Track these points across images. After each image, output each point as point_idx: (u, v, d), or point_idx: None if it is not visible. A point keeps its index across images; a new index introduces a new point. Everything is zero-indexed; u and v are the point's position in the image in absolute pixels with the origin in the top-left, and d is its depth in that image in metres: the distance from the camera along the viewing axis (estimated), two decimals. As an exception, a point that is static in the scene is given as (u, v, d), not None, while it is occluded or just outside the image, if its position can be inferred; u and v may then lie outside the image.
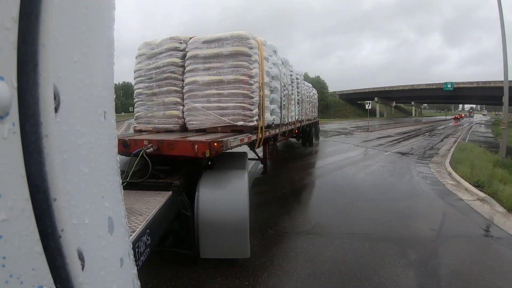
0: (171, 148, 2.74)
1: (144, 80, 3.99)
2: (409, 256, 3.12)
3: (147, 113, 4.00)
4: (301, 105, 8.27)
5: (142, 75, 4.02)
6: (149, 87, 3.94)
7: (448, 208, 4.69)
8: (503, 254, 3.18)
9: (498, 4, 8.26)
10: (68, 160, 0.38)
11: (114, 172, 0.51)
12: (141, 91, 4.04)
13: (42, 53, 0.33)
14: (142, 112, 4.07)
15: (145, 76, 3.97)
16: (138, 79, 4.07)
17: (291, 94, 6.50)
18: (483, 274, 2.75)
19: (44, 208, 0.33)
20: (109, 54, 0.50)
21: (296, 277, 2.70)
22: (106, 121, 0.49)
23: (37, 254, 0.33)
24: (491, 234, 3.70)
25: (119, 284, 0.48)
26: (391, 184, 6.21)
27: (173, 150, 2.74)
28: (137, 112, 4.13)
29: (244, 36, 3.51)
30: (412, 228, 3.86)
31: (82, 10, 0.41)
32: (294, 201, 5.02)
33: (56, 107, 0.36)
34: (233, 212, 2.55)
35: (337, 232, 3.67)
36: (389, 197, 5.24)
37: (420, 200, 5.18)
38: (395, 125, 31.75)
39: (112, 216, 0.48)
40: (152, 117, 3.96)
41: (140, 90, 4.06)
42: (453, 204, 4.91)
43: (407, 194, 5.47)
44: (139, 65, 4.05)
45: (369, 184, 6.20)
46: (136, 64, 4.09)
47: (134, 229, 1.65)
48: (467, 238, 3.62)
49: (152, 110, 3.96)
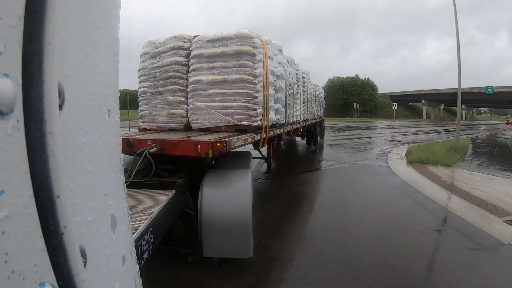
0: (174, 148, 2.75)
1: (149, 79, 4.00)
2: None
3: (152, 111, 4.01)
4: (307, 104, 8.25)
5: (146, 73, 4.02)
6: (153, 85, 3.94)
7: (379, 161, 8.88)
8: (389, 178, 6.57)
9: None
10: (72, 157, 0.38)
11: (118, 170, 0.51)
12: (146, 89, 4.04)
13: (47, 51, 0.33)
14: (146, 111, 4.07)
15: (149, 75, 3.98)
16: (142, 78, 4.08)
17: (297, 93, 6.49)
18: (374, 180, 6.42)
19: (47, 205, 0.34)
20: (114, 53, 0.50)
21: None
22: (110, 119, 0.49)
23: (39, 250, 0.33)
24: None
25: (121, 282, 0.48)
26: (367, 148, 11.99)
27: (176, 150, 2.75)
28: (142, 111, 4.13)
29: (249, 35, 3.51)
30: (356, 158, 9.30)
31: (87, 8, 0.41)
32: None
33: (61, 105, 0.36)
34: (236, 211, 2.55)
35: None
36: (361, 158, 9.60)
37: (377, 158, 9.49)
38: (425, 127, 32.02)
39: (115, 214, 0.48)
40: (157, 116, 3.96)
41: (144, 89, 4.06)
42: (382, 159, 9.23)
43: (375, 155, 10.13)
44: (143, 63, 4.06)
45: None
46: (140, 63, 4.10)
47: (137, 227, 1.66)
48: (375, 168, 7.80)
49: (156, 109, 3.96)
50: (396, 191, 5.56)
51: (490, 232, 3.63)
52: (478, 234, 3.58)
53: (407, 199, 5.11)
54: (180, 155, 2.77)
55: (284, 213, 4.30)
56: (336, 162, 8.49)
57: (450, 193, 5.34)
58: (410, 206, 4.74)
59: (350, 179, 6.54)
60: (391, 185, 6.02)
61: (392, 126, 28.93)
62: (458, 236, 3.57)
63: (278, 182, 6.25)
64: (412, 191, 5.56)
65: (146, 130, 4.05)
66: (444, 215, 4.35)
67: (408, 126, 30.99)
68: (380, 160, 8.96)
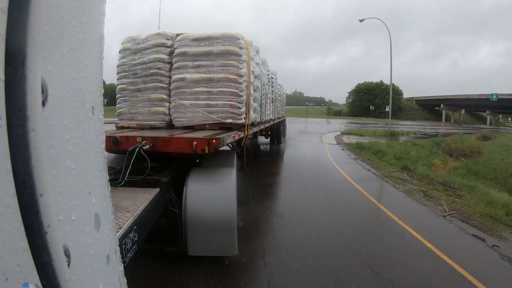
0: (167, 145, 2.68)
1: (129, 75, 3.84)
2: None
3: (131, 109, 3.85)
4: (274, 103, 8.24)
5: (126, 70, 3.86)
6: (133, 82, 3.80)
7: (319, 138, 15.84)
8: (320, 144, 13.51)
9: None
10: (55, 155, 0.37)
11: (101, 168, 0.51)
12: (125, 86, 3.87)
13: (30, 46, 0.32)
14: (125, 108, 3.90)
15: (130, 71, 3.83)
16: (122, 74, 3.90)
17: (268, 93, 6.46)
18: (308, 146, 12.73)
19: (30, 203, 0.33)
20: (98, 49, 0.49)
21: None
22: (94, 116, 0.48)
23: (22, 250, 0.32)
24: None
25: (105, 281, 0.48)
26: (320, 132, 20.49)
27: (169, 147, 2.68)
28: (120, 108, 3.94)
29: (235, 36, 3.53)
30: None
31: (72, 3, 0.40)
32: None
33: (44, 101, 0.35)
34: (220, 209, 2.55)
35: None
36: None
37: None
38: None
39: (98, 212, 0.48)
40: (136, 113, 3.83)
41: (123, 86, 3.88)
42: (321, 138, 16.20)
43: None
44: (123, 60, 3.88)
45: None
46: (120, 59, 3.91)
47: (121, 225, 1.62)
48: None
49: (136, 107, 3.82)
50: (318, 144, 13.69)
51: (333, 143, 13.90)
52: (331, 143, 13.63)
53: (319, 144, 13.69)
54: (171, 152, 2.71)
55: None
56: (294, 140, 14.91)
57: (335, 140, 15.16)
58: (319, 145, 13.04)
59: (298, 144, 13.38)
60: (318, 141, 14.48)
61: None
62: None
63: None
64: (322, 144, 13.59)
65: (124, 128, 3.89)
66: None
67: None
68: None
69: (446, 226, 4.07)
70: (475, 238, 3.68)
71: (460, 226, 4.07)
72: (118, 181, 2.38)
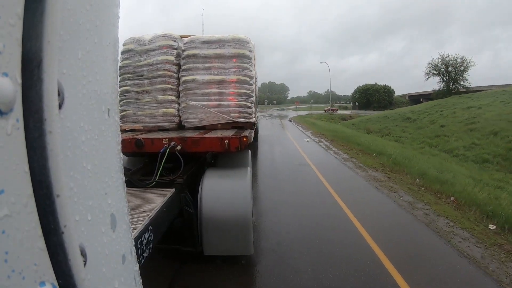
0: (197, 145, 2.77)
1: (133, 77, 3.75)
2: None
3: (137, 111, 3.76)
4: (256, 104, 8.33)
5: (130, 71, 3.76)
6: (139, 84, 3.71)
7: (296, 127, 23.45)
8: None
9: None
10: (72, 156, 0.38)
11: (117, 169, 0.51)
12: (129, 88, 3.75)
13: (46, 50, 0.33)
14: (130, 110, 3.78)
15: (134, 73, 3.74)
16: (125, 76, 3.79)
17: (256, 93, 6.50)
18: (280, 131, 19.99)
19: (47, 204, 0.33)
20: (113, 52, 0.50)
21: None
22: (110, 118, 0.49)
23: (39, 249, 0.33)
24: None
25: (120, 281, 0.48)
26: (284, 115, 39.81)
27: (198, 147, 2.77)
28: (124, 111, 3.79)
29: (245, 39, 3.62)
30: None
31: (86, 7, 0.41)
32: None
33: (60, 104, 0.36)
34: (236, 209, 2.55)
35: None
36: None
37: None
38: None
39: (114, 213, 0.48)
40: (143, 115, 3.74)
41: (127, 88, 3.76)
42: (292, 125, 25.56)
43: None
44: (126, 61, 3.79)
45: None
46: (122, 60, 3.81)
47: (137, 225, 1.65)
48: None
49: (143, 109, 3.73)
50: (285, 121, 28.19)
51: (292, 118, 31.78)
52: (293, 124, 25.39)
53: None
54: (200, 151, 2.82)
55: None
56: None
57: (293, 120, 29.99)
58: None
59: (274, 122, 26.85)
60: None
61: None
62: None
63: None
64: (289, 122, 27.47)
65: (128, 131, 3.79)
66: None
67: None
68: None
69: (310, 144, 12.76)
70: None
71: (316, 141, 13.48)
72: (150, 181, 2.44)
